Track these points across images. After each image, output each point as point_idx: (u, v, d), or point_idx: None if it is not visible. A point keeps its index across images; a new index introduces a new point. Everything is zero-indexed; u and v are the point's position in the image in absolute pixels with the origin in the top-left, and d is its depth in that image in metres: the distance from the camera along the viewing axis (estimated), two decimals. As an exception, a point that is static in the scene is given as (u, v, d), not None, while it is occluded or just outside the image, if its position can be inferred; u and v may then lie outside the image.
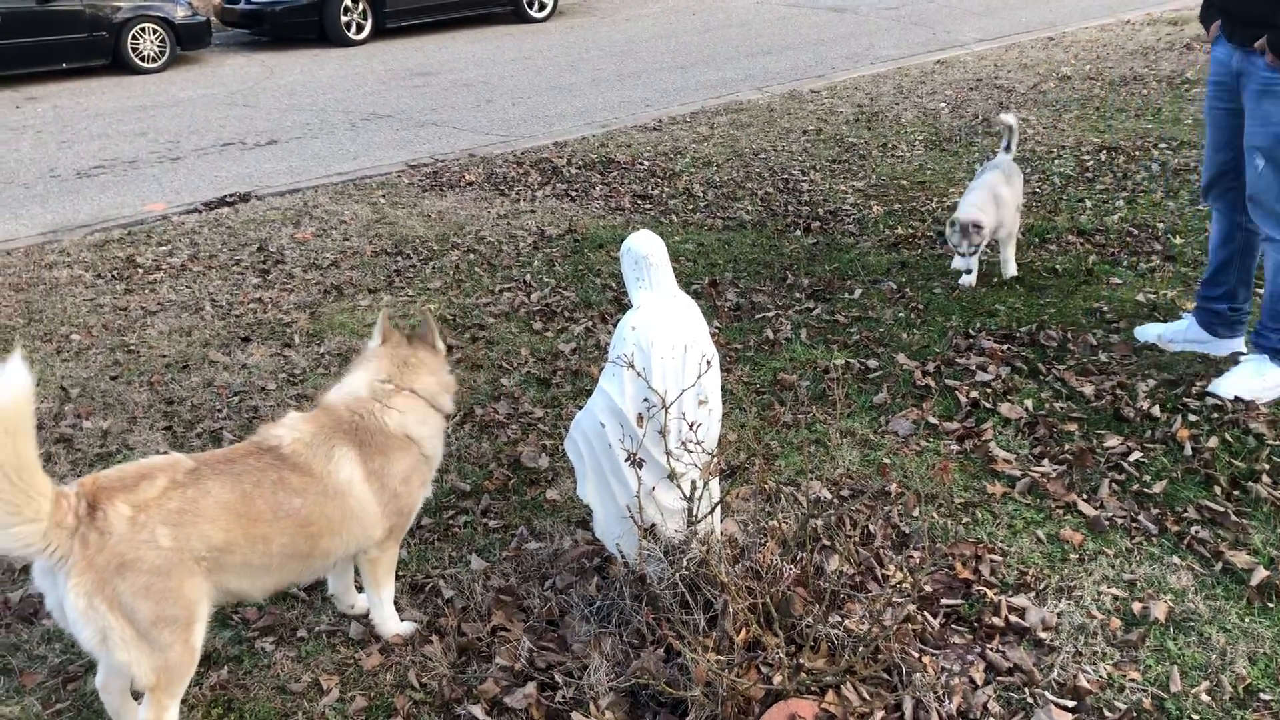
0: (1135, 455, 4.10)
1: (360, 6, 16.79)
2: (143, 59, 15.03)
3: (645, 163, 9.15)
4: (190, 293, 6.61)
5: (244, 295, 6.50)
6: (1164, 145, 8.45)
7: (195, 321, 6.12)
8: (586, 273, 6.55)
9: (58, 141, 11.09)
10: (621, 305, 5.96)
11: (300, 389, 5.18)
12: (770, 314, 5.70)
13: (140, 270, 7.05)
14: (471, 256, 7.01)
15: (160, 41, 15.18)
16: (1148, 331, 5.03)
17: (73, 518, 2.56)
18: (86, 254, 7.43)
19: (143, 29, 14.99)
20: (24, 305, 6.48)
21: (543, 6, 18.83)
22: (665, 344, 3.17)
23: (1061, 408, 4.50)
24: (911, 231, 6.92)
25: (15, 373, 2.39)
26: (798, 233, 7.11)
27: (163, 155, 10.39)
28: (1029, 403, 4.53)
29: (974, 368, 4.87)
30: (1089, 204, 7.18)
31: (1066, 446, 4.20)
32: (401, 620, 3.39)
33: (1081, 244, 6.44)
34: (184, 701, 3.09)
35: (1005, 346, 5.07)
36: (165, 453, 4.55)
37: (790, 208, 7.64)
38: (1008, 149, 6.21)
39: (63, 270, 7.10)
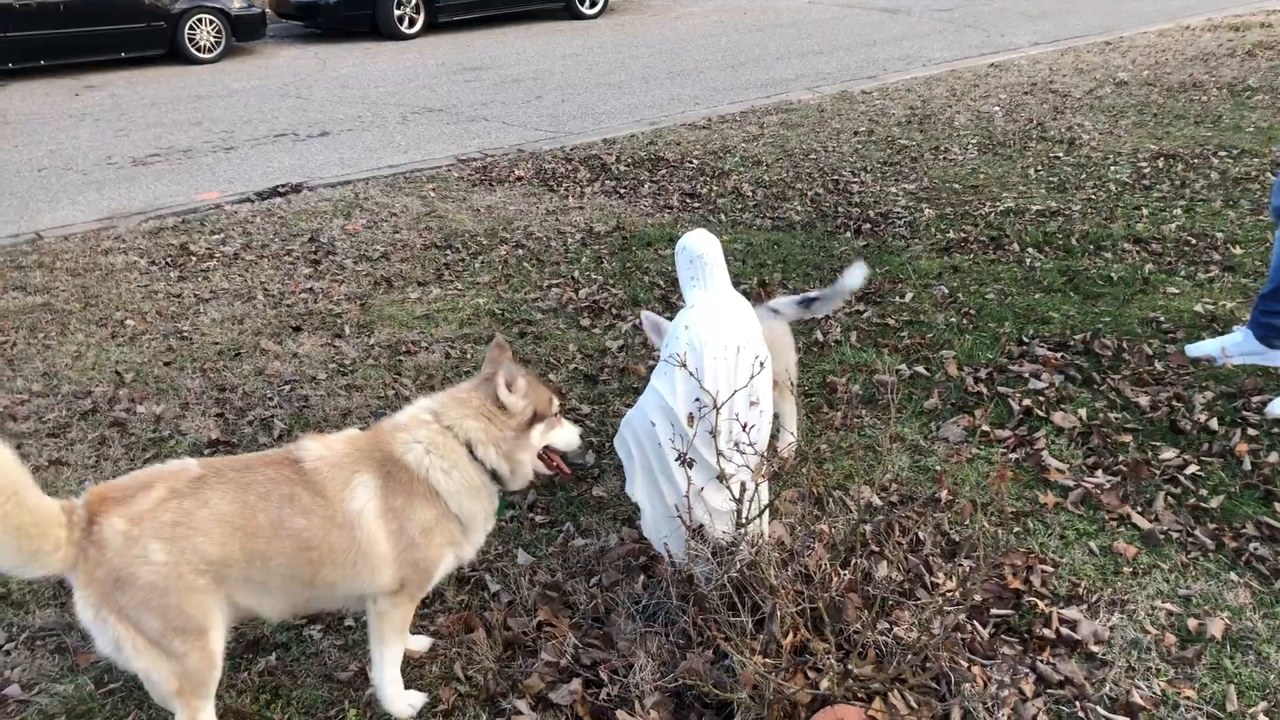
0: (1192, 469, 4.02)
1: (413, 1, 16.90)
2: (199, 49, 15.23)
3: (694, 161, 9.12)
4: (243, 281, 6.68)
5: (295, 285, 6.56)
6: (1224, 153, 8.30)
7: (247, 310, 6.19)
8: (634, 270, 6.55)
9: (115, 129, 11.26)
10: (669, 303, 5.95)
11: (350, 379, 5.22)
12: (820, 316, 5.65)
13: (194, 258, 7.14)
14: (520, 252, 7.03)
15: (216, 32, 15.36)
16: (1201, 348, 4.92)
17: (77, 532, 2.51)
18: (142, 241, 7.54)
19: (199, 20, 15.18)
20: (81, 290, 6.58)
21: (594, 3, 18.85)
22: (718, 344, 3.16)
23: (1116, 418, 4.43)
24: (964, 235, 6.84)
25: None
26: (848, 234, 7.06)
27: (217, 145, 10.51)
28: (1083, 412, 4.47)
29: (1027, 375, 4.81)
30: (1146, 211, 7.07)
31: (1121, 458, 4.13)
32: (407, 690, 3.04)
33: (1138, 252, 6.34)
34: (232, 686, 3.13)
35: (1059, 354, 5.00)
36: (214, 440, 4.62)
37: (840, 209, 7.58)
38: None
39: (118, 256, 7.21)
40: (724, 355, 3.16)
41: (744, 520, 3.14)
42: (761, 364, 3.17)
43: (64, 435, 4.75)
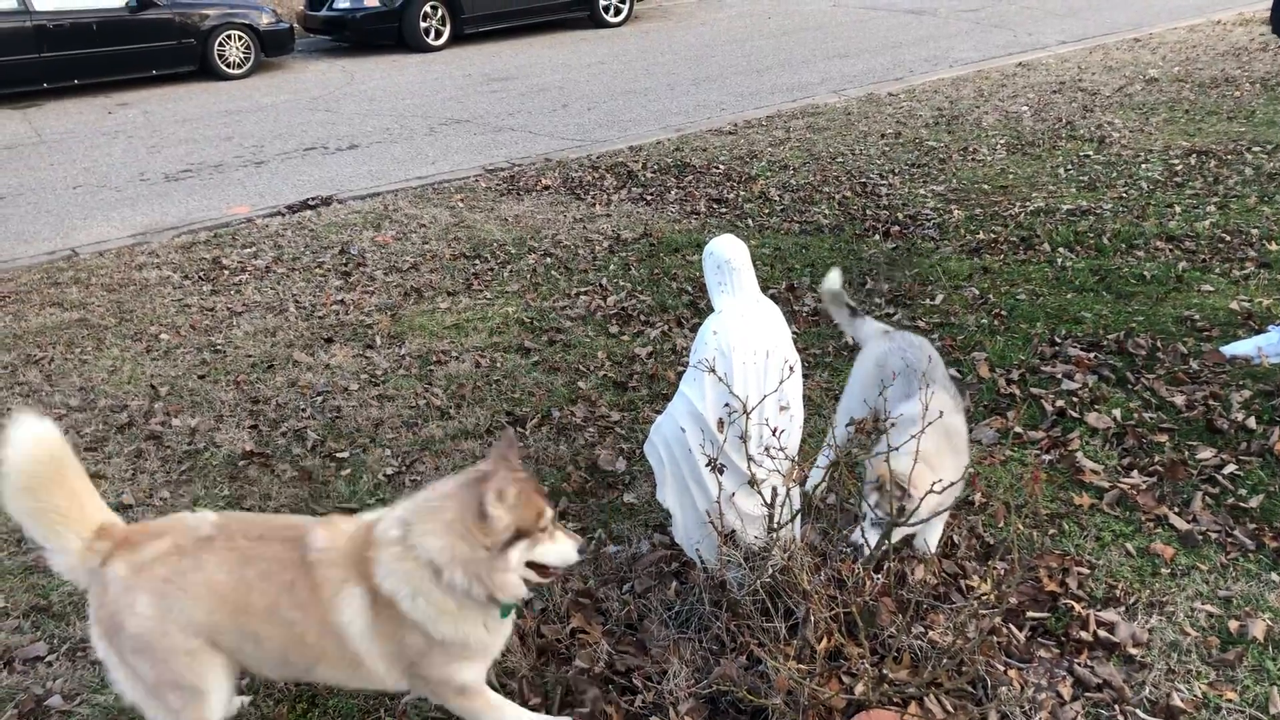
0: (1230, 468, 3.97)
1: (439, 13, 17.00)
2: (229, 65, 15.40)
3: (721, 167, 9.12)
4: (274, 294, 6.74)
5: (326, 297, 6.61)
6: (1258, 149, 8.20)
7: (279, 322, 6.25)
8: (662, 277, 6.55)
9: (147, 146, 11.41)
10: (698, 309, 5.95)
11: (382, 389, 5.26)
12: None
13: (226, 271, 7.22)
14: (548, 260, 7.05)
15: (245, 48, 15.53)
16: (1238, 347, 4.85)
17: (95, 558, 2.55)
18: (174, 255, 7.63)
19: (229, 36, 15.35)
20: (116, 305, 6.67)
21: (618, 11, 18.89)
22: (747, 349, 3.16)
23: (1151, 418, 4.38)
24: (994, 236, 6.80)
25: (31, 428, 2.50)
26: (876, 237, 7.03)
27: (247, 159, 10.62)
28: (1117, 412, 4.42)
29: (1060, 376, 4.77)
30: (1178, 209, 6.99)
31: (1157, 458, 4.09)
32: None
33: (1170, 250, 6.27)
34: (269, 696, 3.16)
35: (1092, 354, 4.96)
36: (248, 452, 4.66)
37: (869, 212, 7.55)
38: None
39: (152, 271, 7.30)
40: (753, 360, 3.15)
41: (776, 525, 3.13)
42: (791, 368, 3.17)
43: (101, 449, 4.82)
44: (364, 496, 4.29)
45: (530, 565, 2.57)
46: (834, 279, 4.06)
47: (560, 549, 2.62)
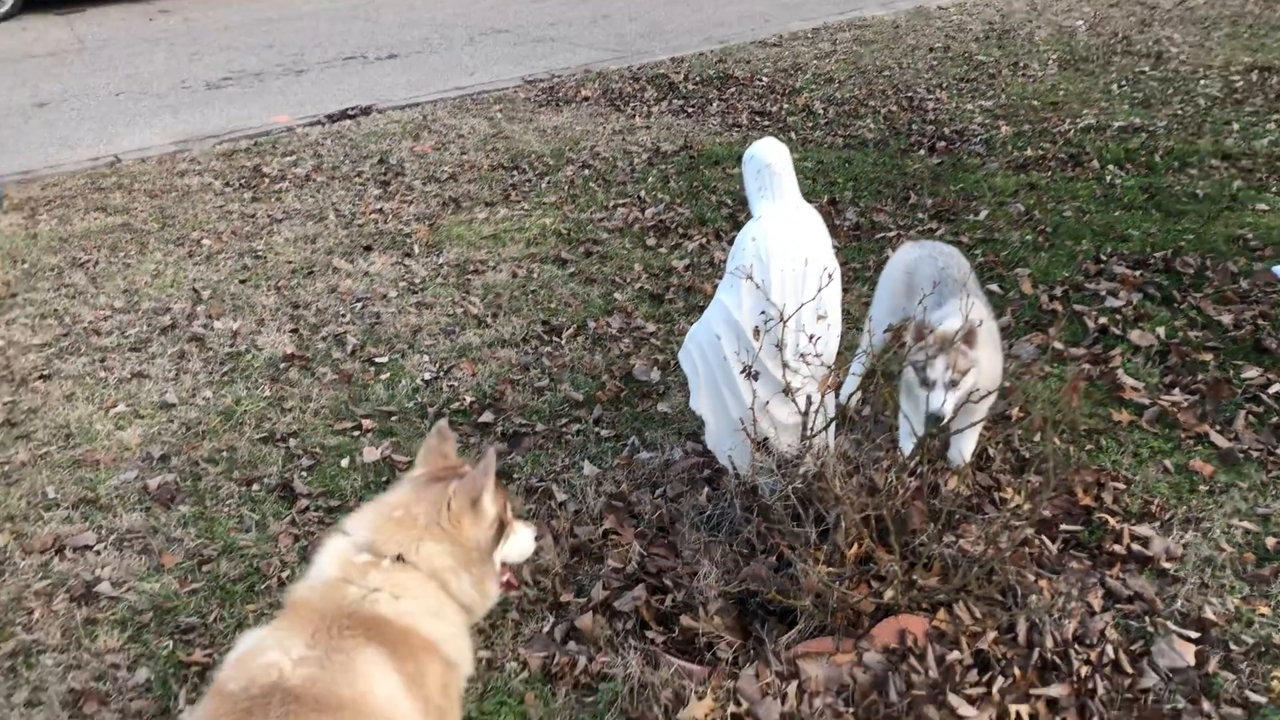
0: (1276, 387, 3.91)
1: (480, -80, 16.69)
2: (268, -26, 15.25)
3: (764, 79, 8.95)
4: (314, 202, 6.75)
5: (365, 206, 6.61)
6: (1322, 65, 7.91)
7: (319, 230, 6.26)
8: (701, 189, 6.48)
9: (188, 54, 11.37)
10: (737, 223, 5.89)
11: (420, 297, 5.28)
12: (891, 234, 5.57)
13: (266, 179, 7.23)
14: (586, 172, 6.99)
15: (285, -44, 15.37)
16: None
17: None
18: (216, 163, 7.65)
19: (269, -57, 15.19)
20: (158, 210, 6.71)
21: (662, -80, 18.42)
22: (786, 256, 3.12)
23: (1196, 336, 4.31)
24: (1042, 153, 6.64)
25: None
26: (921, 152, 6.90)
27: (288, 68, 10.57)
28: (1161, 330, 4.35)
29: (1104, 293, 4.69)
30: (1236, 127, 6.78)
31: (1200, 376, 4.03)
32: None
33: (1226, 169, 6.10)
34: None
35: (1138, 272, 4.86)
36: (289, 355, 4.71)
37: (914, 126, 7.40)
38: None
39: (194, 178, 7.32)
40: (791, 267, 3.12)
41: (809, 433, 3.13)
42: (830, 276, 3.13)
43: (145, 349, 4.89)
44: (402, 400, 4.34)
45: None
46: None
47: (522, 540, 2.37)
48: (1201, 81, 7.84)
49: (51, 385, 4.60)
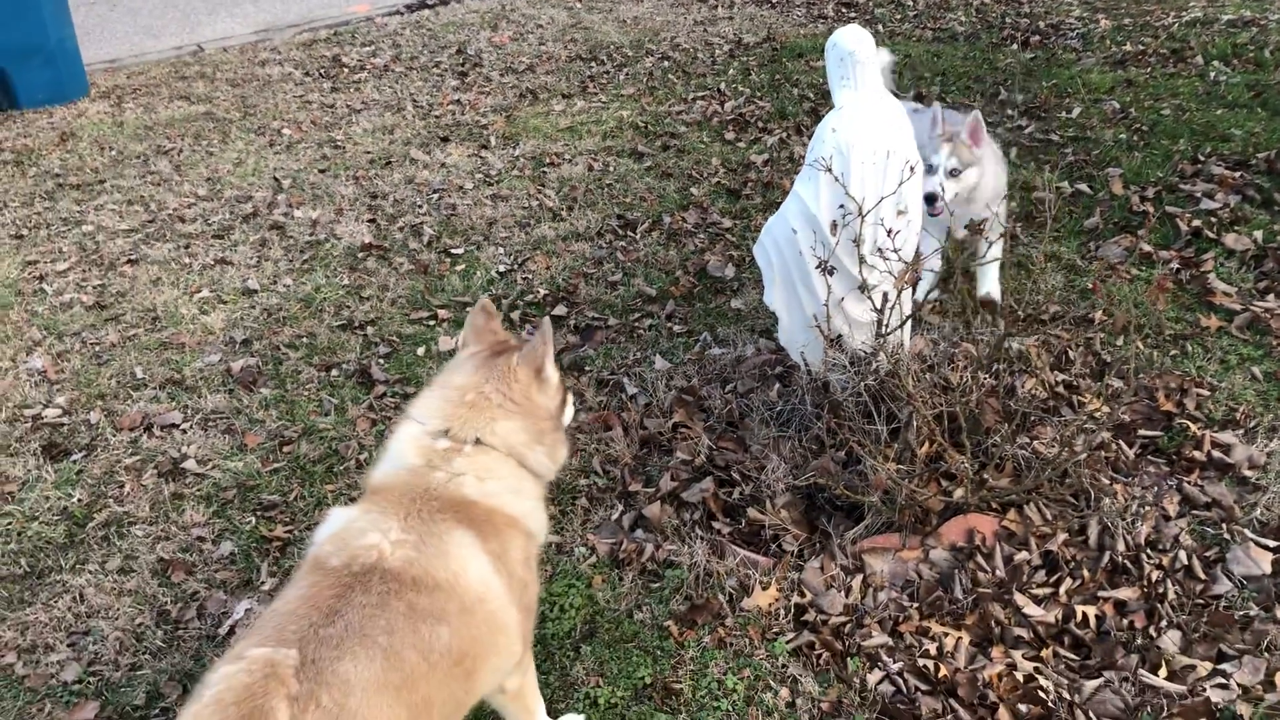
0: (1377, 296, 3.74)
1: None
2: None
3: (851, -31, 8.63)
4: (392, 92, 6.75)
5: (443, 97, 6.59)
6: None
7: (397, 120, 6.27)
8: (783, 83, 6.33)
9: (269, -58, 11.33)
10: (819, 117, 5.75)
11: (496, 189, 5.28)
12: (977, 131, 5.38)
13: (345, 69, 7.23)
14: (665, 63, 6.86)
15: None
16: None
17: None
18: (296, 52, 7.66)
19: None
20: (240, 99, 6.77)
21: None
22: (867, 148, 3.03)
23: (1296, 242, 4.13)
24: (1141, 48, 6.33)
25: None
26: (1014, 46, 6.63)
27: (366, -43, 10.48)
28: (1259, 234, 4.17)
29: (1199, 195, 4.50)
30: (1355, 21, 6.39)
31: (1297, 282, 3.87)
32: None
33: (1341, 65, 5.76)
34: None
35: (1238, 174, 4.64)
36: (367, 244, 4.75)
37: (1008, 19, 7.10)
38: None
39: (274, 68, 7.35)
40: (872, 160, 3.03)
41: (884, 331, 3.08)
42: (912, 169, 3.04)
43: (228, 236, 4.98)
44: (477, 292, 4.37)
45: None
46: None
47: (569, 408, 2.39)
48: (1321, -28, 7.36)
49: (139, 270, 4.72)
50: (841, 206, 3.04)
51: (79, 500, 3.34)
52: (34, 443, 3.61)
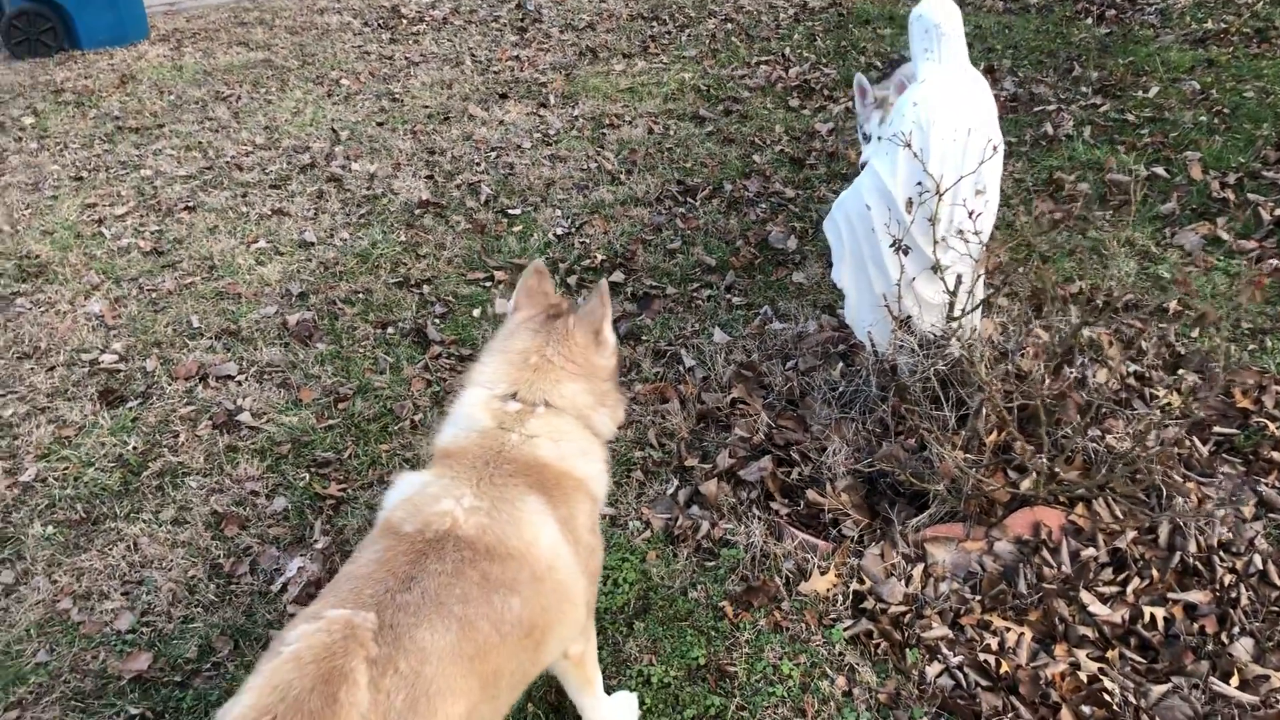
0: None
1: None
2: None
3: (922, -66, 8.40)
4: (451, 46, 6.67)
5: (502, 52, 6.51)
6: None
7: (455, 75, 6.20)
8: (850, 49, 6.18)
9: (329, -112, 11.24)
10: (885, 87, 5.62)
11: (554, 149, 5.21)
12: (1051, 107, 5.23)
13: (404, 21, 7.16)
14: (729, 26, 6.73)
15: None
16: None
17: None
18: (355, 2, 7.60)
19: None
20: (298, 48, 6.73)
21: None
22: (948, 125, 2.93)
23: (1385, 237, 3.98)
24: (1224, 27, 6.11)
25: None
26: (1089, 20, 6.43)
27: (427, -94, 10.37)
28: (1345, 228, 4.03)
29: (1283, 183, 4.35)
30: None
31: (1385, 280, 3.73)
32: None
33: None
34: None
35: (1324, 163, 4.48)
36: (424, 201, 4.71)
37: (1083, -8, 6.89)
38: None
39: (333, 16, 7.30)
40: (953, 137, 2.93)
41: (957, 314, 3.00)
42: (995, 148, 2.94)
43: (285, 187, 4.96)
44: (534, 254, 4.32)
45: None
46: None
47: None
48: None
49: (196, 217, 4.71)
50: (919, 183, 2.95)
51: (134, 448, 3.34)
52: (91, 388, 3.62)
